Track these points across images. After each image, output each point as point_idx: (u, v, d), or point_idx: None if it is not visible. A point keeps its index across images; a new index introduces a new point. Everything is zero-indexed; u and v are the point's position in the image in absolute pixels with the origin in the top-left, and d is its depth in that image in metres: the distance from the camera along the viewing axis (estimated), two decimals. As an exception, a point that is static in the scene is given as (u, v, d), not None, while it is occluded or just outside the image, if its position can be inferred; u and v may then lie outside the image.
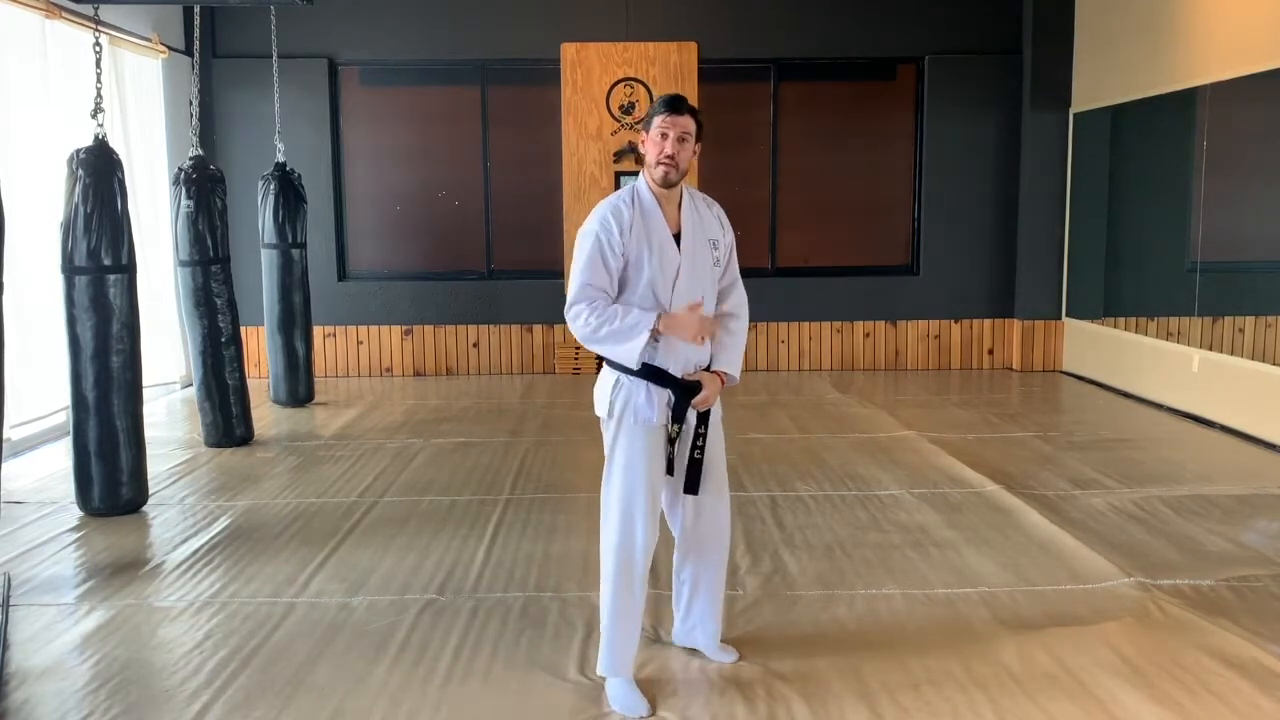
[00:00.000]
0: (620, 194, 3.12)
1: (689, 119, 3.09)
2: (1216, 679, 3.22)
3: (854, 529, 4.73)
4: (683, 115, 3.08)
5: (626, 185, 3.20)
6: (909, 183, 9.27)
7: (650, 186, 3.11)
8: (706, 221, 3.19)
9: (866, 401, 7.81)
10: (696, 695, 3.16)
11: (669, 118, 3.06)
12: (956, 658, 3.38)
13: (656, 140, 3.07)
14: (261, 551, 4.49)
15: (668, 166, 3.05)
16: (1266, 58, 6.22)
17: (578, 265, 3.04)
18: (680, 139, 3.06)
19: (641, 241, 3.04)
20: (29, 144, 6.44)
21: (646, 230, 3.05)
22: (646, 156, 3.10)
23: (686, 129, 3.07)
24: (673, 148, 3.05)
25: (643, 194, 3.11)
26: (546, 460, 6.09)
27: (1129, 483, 5.46)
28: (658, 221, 3.08)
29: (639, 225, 3.05)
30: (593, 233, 3.03)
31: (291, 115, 8.36)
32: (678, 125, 3.06)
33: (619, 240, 3.02)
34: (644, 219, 3.07)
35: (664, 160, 3.05)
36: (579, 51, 8.67)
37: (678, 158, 3.06)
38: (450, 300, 9.11)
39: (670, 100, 3.09)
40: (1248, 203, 6.92)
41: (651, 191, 3.11)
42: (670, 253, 3.07)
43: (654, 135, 3.08)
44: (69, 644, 3.56)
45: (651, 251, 3.04)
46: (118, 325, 4.84)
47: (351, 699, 3.14)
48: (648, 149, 3.10)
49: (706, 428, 3.14)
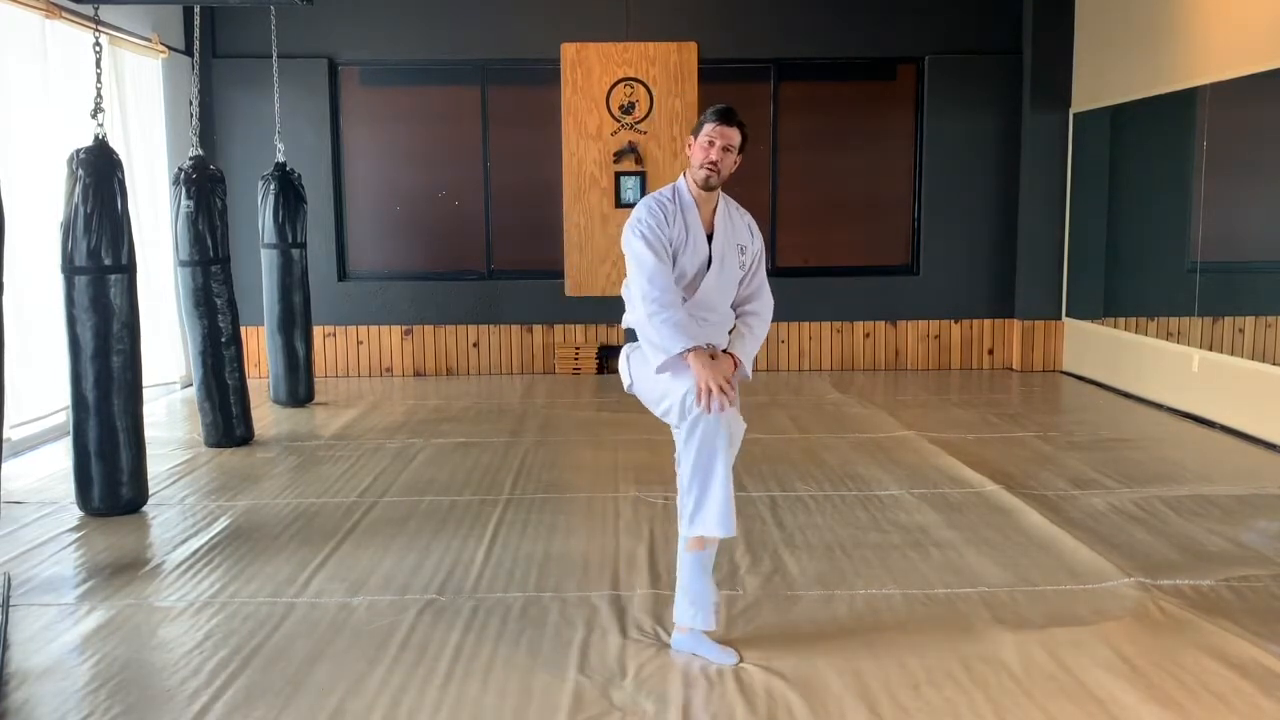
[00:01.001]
0: (662, 191, 3.38)
1: (736, 131, 3.30)
2: (1216, 679, 3.22)
3: (854, 529, 4.73)
4: (731, 127, 3.29)
5: (667, 185, 3.42)
6: (909, 183, 9.27)
7: (690, 187, 3.34)
8: (738, 227, 3.41)
9: (866, 401, 7.81)
10: (696, 695, 3.16)
11: (719, 127, 3.27)
12: (956, 658, 3.38)
13: (704, 146, 3.28)
14: (261, 551, 4.49)
15: (710, 171, 3.27)
16: (1266, 58, 6.22)
17: (635, 243, 3.24)
18: (725, 148, 3.27)
19: (682, 232, 3.29)
20: (29, 144, 6.44)
21: (684, 226, 3.30)
22: (692, 159, 3.31)
23: (732, 140, 3.29)
24: (718, 155, 3.27)
25: (683, 192, 3.35)
26: (546, 460, 6.09)
27: (1129, 483, 5.46)
28: (694, 218, 3.32)
29: (679, 218, 3.30)
30: (640, 221, 3.27)
31: (291, 115, 8.36)
32: (725, 136, 3.27)
33: (666, 226, 3.27)
34: (682, 214, 3.31)
35: (708, 165, 3.27)
36: (579, 51, 8.67)
37: (720, 164, 3.27)
38: (450, 301, 9.13)
39: (723, 111, 3.30)
40: (1248, 203, 6.92)
41: (691, 192, 3.34)
42: (702, 249, 3.31)
43: (702, 140, 3.29)
44: (69, 644, 3.56)
45: (685, 245, 3.29)
46: (118, 325, 4.84)
47: (351, 699, 3.14)
48: (694, 152, 3.30)
49: None
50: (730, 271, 3.36)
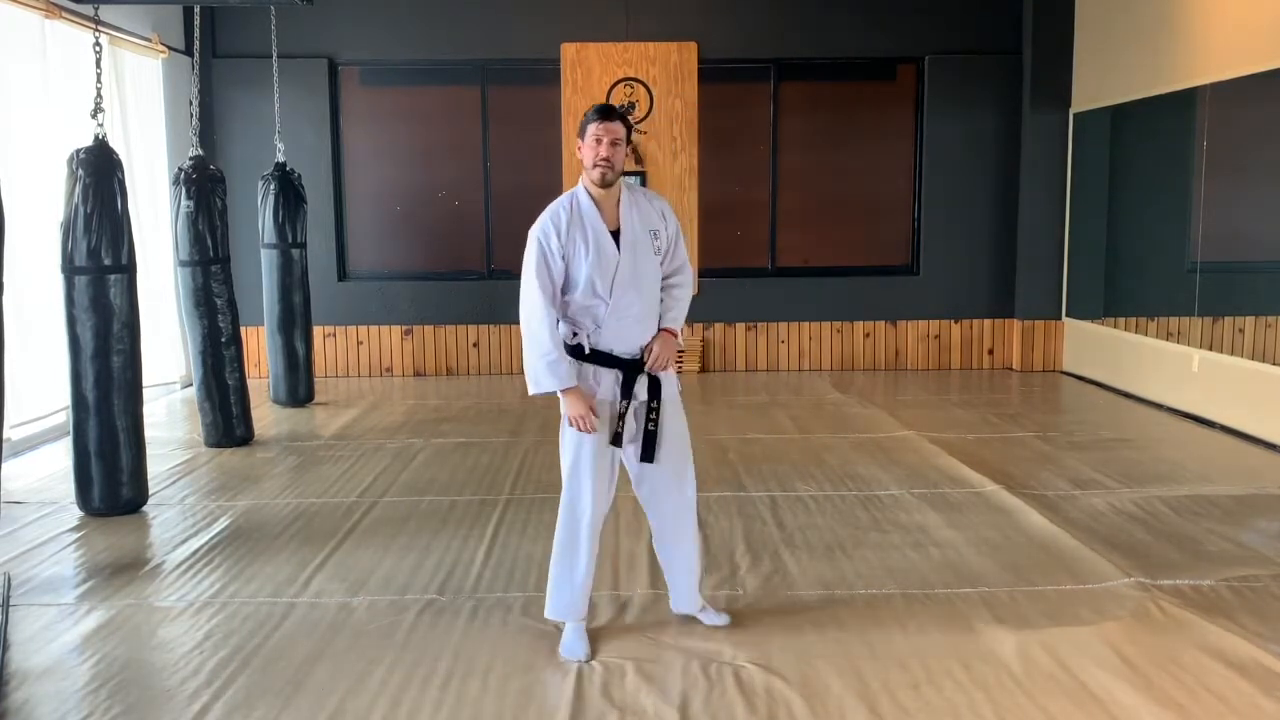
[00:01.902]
0: (560, 200, 3.44)
1: (619, 125, 3.38)
2: (1216, 679, 3.22)
3: (854, 529, 4.73)
4: (614, 122, 3.37)
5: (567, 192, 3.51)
6: (909, 183, 9.27)
7: (589, 189, 3.41)
8: (646, 214, 3.48)
9: (866, 401, 7.81)
10: (696, 694, 3.16)
11: (602, 124, 3.35)
12: (956, 658, 3.38)
13: (592, 145, 3.36)
14: (261, 551, 4.49)
15: (604, 167, 3.36)
16: (1266, 58, 6.22)
17: (528, 268, 3.40)
18: (613, 143, 3.35)
19: (578, 242, 3.37)
20: (29, 144, 6.44)
21: (584, 231, 3.37)
22: (584, 160, 3.39)
23: (618, 134, 3.36)
24: (607, 150, 3.35)
25: (581, 199, 3.41)
26: (546, 460, 6.09)
27: (1129, 483, 5.46)
28: (595, 221, 3.39)
29: (576, 227, 3.37)
30: (535, 240, 3.39)
31: (291, 115, 8.36)
32: (610, 131, 3.35)
33: (557, 245, 3.36)
34: (581, 221, 3.38)
35: (600, 162, 3.35)
36: (579, 51, 8.68)
37: (612, 159, 3.36)
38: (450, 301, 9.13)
39: (602, 109, 3.40)
40: (1248, 203, 6.91)
41: (590, 194, 3.41)
42: (609, 249, 3.38)
43: (589, 141, 3.37)
44: (69, 644, 3.56)
45: (589, 250, 3.36)
46: (118, 325, 4.84)
47: (351, 699, 3.15)
48: (585, 154, 3.38)
49: (659, 402, 3.44)
50: (645, 259, 3.43)
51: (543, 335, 3.33)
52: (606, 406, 3.41)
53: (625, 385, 3.40)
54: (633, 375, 3.41)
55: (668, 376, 3.49)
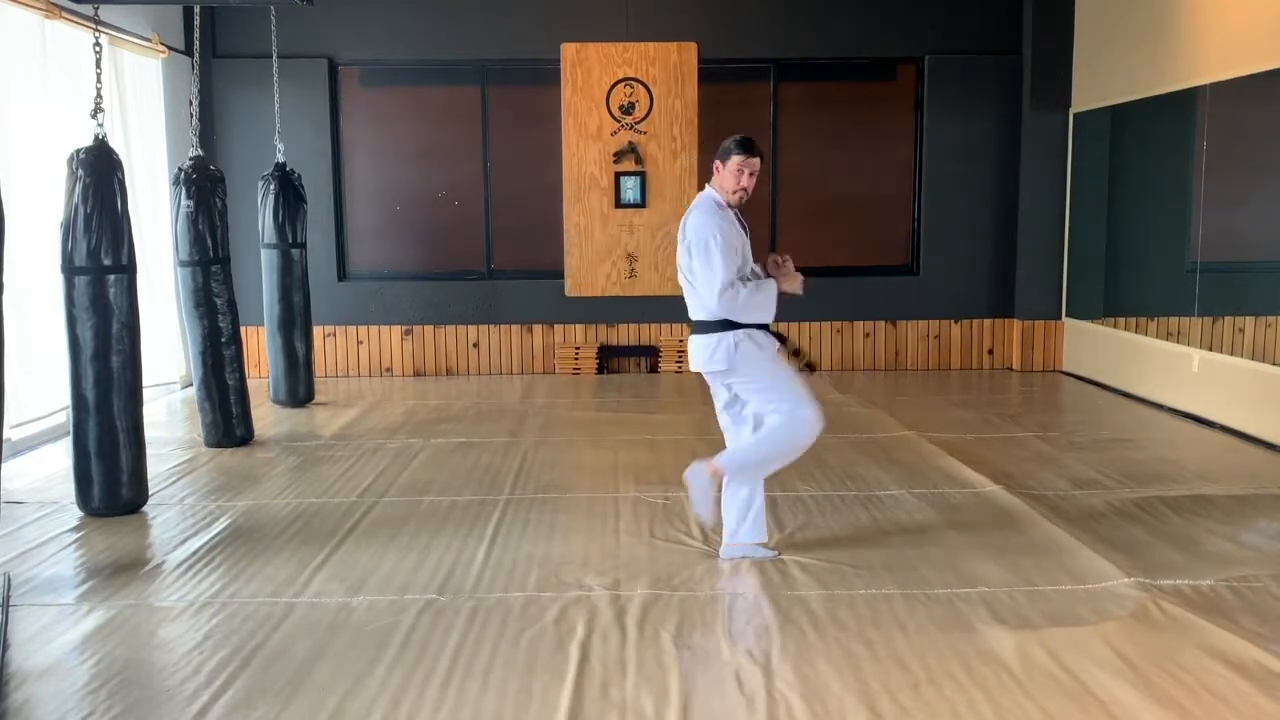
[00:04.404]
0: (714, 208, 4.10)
1: (758, 160, 4.11)
2: (1216, 679, 3.22)
3: (854, 529, 4.73)
4: (756, 157, 4.10)
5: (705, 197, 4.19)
6: (909, 183, 9.27)
7: (723, 202, 4.13)
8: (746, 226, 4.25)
9: (866, 401, 7.81)
10: (696, 694, 3.16)
11: (747, 159, 4.07)
12: (956, 658, 3.38)
13: (734, 174, 4.07)
14: (261, 551, 4.49)
15: (742, 194, 4.12)
16: (1266, 58, 6.22)
17: (717, 265, 3.99)
18: (752, 174, 4.10)
19: (741, 237, 4.11)
20: (29, 144, 6.44)
21: (737, 230, 4.11)
22: (724, 183, 4.09)
23: (756, 168, 4.10)
24: (747, 181, 4.10)
25: (725, 208, 4.12)
26: (546, 460, 6.09)
27: (1129, 483, 5.46)
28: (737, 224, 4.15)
29: (734, 229, 4.09)
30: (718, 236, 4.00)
31: (291, 115, 8.36)
32: (751, 165, 4.08)
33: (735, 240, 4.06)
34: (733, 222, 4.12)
35: (740, 190, 4.10)
36: (579, 51, 8.67)
37: (749, 189, 4.12)
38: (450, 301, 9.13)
39: (745, 143, 4.09)
40: (1248, 203, 6.91)
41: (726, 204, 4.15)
42: (747, 245, 4.17)
43: (732, 169, 4.08)
44: (69, 644, 3.56)
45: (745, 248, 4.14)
46: (118, 325, 4.84)
47: (351, 699, 3.15)
48: (725, 178, 4.09)
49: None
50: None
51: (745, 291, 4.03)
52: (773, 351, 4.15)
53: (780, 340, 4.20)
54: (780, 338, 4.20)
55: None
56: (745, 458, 4.21)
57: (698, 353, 4.16)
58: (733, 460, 4.22)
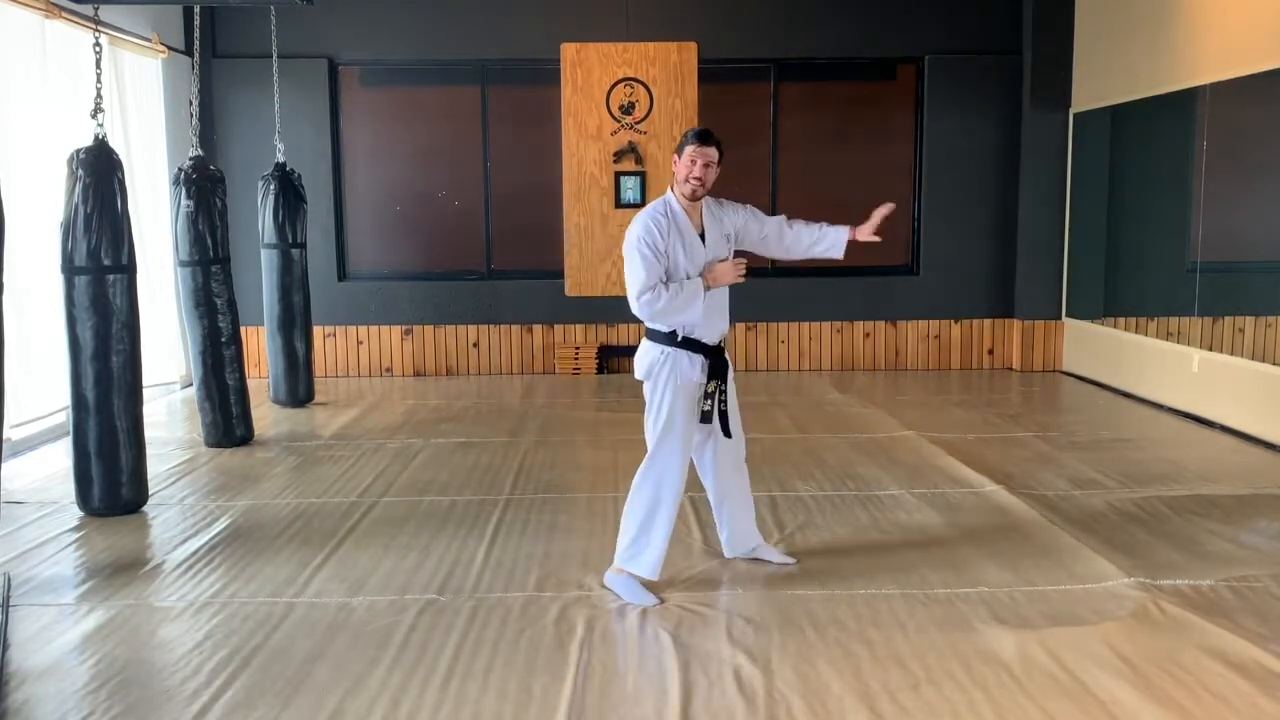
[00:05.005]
0: (655, 207, 3.89)
1: (714, 150, 3.86)
2: (1216, 679, 3.22)
3: (854, 529, 4.73)
4: (710, 146, 3.84)
5: (659, 199, 3.95)
6: (909, 183, 9.27)
7: (679, 199, 3.88)
8: (720, 220, 3.99)
9: (866, 401, 7.81)
10: (696, 694, 3.16)
11: (699, 148, 3.82)
12: (956, 658, 3.38)
13: (687, 164, 3.83)
14: (261, 551, 4.49)
15: (695, 184, 3.84)
16: (1266, 58, 6.22)
17: (637, 269, 3.79)
18: (706, 165, 3.83)
19: (676, 243, 3.84)
20: (29, 144, 6.44)
21: (679, 233, 3.85)
22: (677, 175, 3.85)
23: (711, 158, 3.84)
24: (700, 171, 3.82)
25: (673, 205, 3.89)
26: (546, 460, 6.09)
27: (1129, 483, 5.45)
28: (685, 225, 3.87)
29: (673, 230, 3.84)
30: (640, 241, 3.79)
31: (291, 115, 8.36)
32: (705, 155, 3.83)
33: (661, 243, 3.81)
34: (675, 224, 3.86)
35: (692, 179, 3.82)
36: (579, 51, 8.66)
37: (704, 179, 3.84)
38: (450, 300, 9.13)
39: (701, 133, 3.85)
40: (1248, 203, 6.91)
41: (680, 203, 3.88)
42: (697, 248, 3.88)
43: (685, 160, 3.84)
44: (69, 644, 3.56)
45: (684, 250, 3.85)
46: (118, 325, 4.84)
47: (351, 699, 3.15)
48: (679, 169, 3.84)
49: (725, 384, 3.95)
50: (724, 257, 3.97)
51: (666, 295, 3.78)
52: (695, 388, 3.89)
53: (712, 369, 3.89)
54: (718, 360, 3.91)
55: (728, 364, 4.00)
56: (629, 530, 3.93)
57: (636, 358, 4.01)
58: (622, 545, 3.95)
